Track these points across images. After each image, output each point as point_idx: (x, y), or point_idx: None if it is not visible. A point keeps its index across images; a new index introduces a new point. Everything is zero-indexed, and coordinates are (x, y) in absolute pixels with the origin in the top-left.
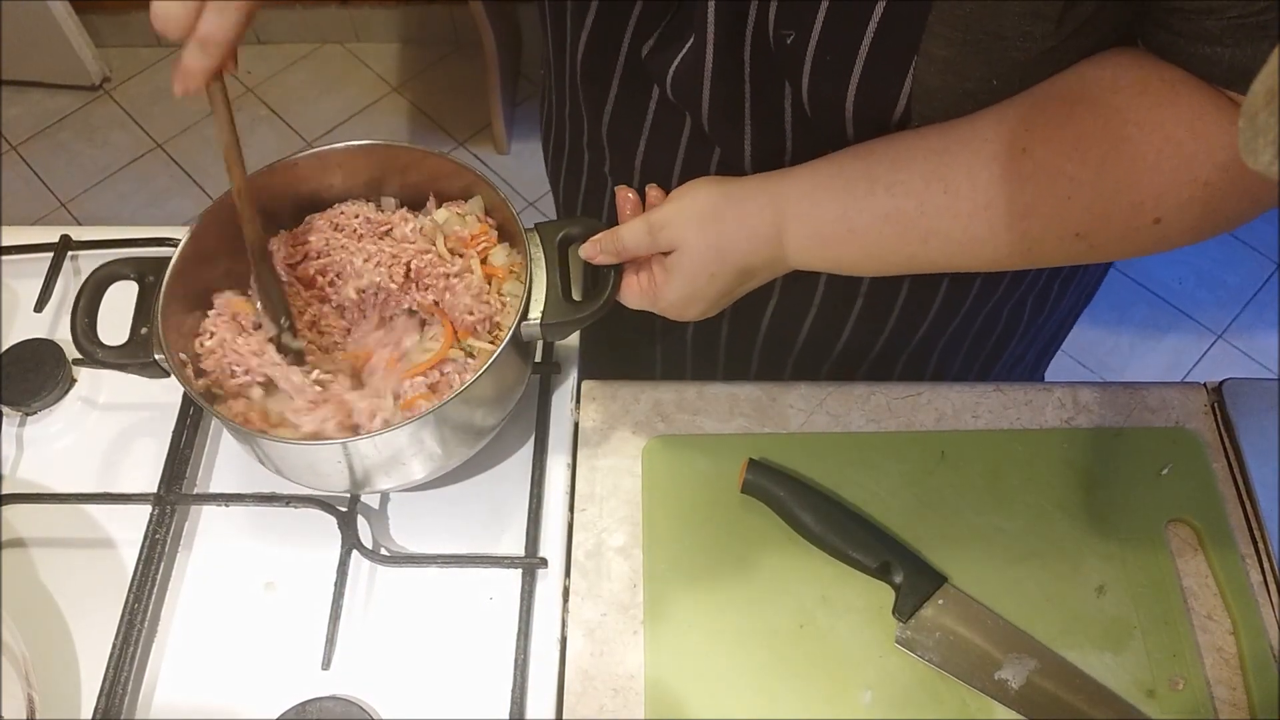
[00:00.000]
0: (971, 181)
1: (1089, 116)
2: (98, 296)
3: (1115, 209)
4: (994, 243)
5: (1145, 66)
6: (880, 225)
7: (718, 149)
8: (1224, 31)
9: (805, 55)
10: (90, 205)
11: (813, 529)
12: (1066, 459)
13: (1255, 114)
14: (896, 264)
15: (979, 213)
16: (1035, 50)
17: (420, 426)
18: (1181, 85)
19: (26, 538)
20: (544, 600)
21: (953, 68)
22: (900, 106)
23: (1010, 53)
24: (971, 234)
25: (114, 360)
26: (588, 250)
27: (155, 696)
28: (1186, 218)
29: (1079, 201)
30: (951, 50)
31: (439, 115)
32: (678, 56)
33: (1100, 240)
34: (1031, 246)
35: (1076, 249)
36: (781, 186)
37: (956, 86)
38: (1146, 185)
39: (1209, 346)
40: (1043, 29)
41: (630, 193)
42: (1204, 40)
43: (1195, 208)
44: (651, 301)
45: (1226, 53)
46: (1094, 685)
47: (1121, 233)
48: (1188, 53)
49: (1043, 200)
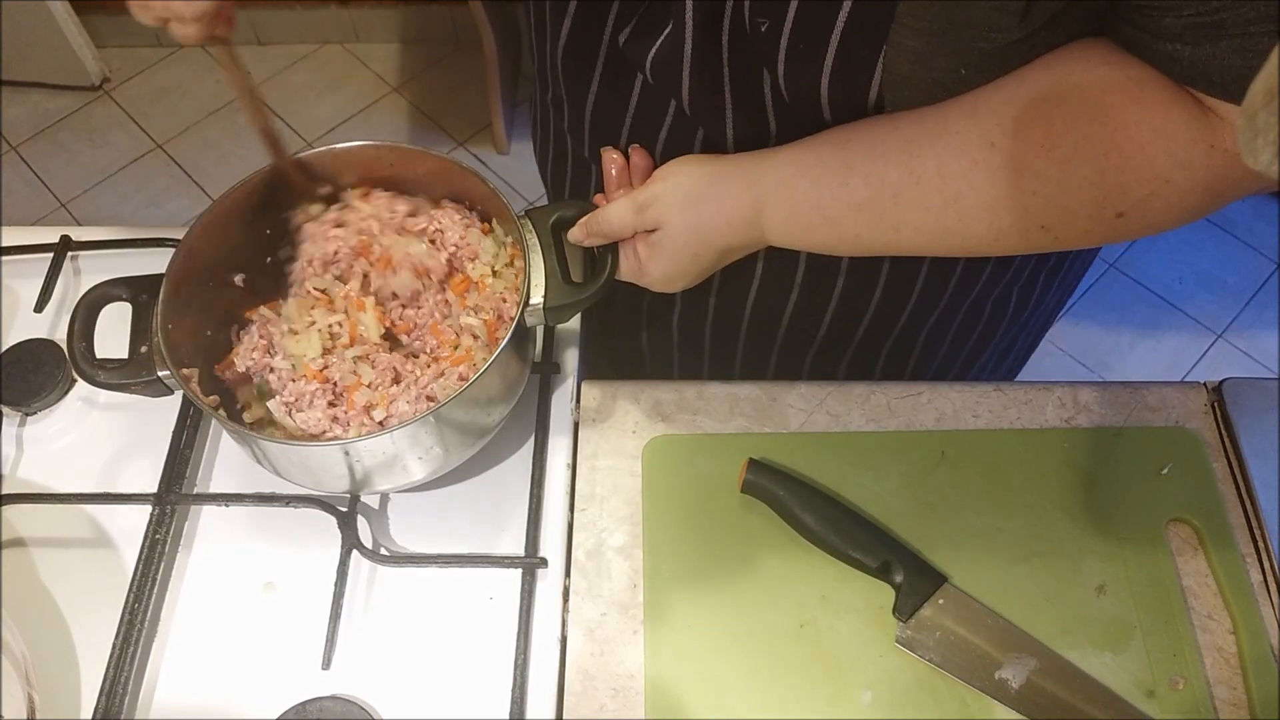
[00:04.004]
0: (941, 174)
1: (1057, 113)
2: (92, 319)
3: (1080, 204)
4: (963, 233)
5: (1113, 63)
6: (854, 214)
7: (701, 129)
8: (1183, 29)
9: (779, 43)
10: (90, 205)
11: (813, 529)
12: (1066, 459)
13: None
14: (872, 249)
15: (949, 204)
16: (1002, 42)
17: (420, 427)
18: (1148, 84)
19: (26, 538)
20: (544, 600)
21: (922, 57)
22: (873, 93)
23: (977, 43)
24: (942, 224)
25: (116, 381)
26: (576, 234)
27: (155, 696)
28: (1148, 212)
29: (1044, 196)
30: (920, 40)
31: (439, 115)
32: (657, 42)
33: (1064, 233)
34: (998, 237)
35: (1042, 240)
36: (761, 172)
37: (926, 75)
38: (1111, 182)
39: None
40: (1008, 21)
41: (616, 154)
42: (1164, 37)
43: (1157, 203)
44: (638, 276)
45: (1186, 50)
46: (1094, 685)
47: (1086, 226)
48: (1151, 49)
49: (1009, 194)
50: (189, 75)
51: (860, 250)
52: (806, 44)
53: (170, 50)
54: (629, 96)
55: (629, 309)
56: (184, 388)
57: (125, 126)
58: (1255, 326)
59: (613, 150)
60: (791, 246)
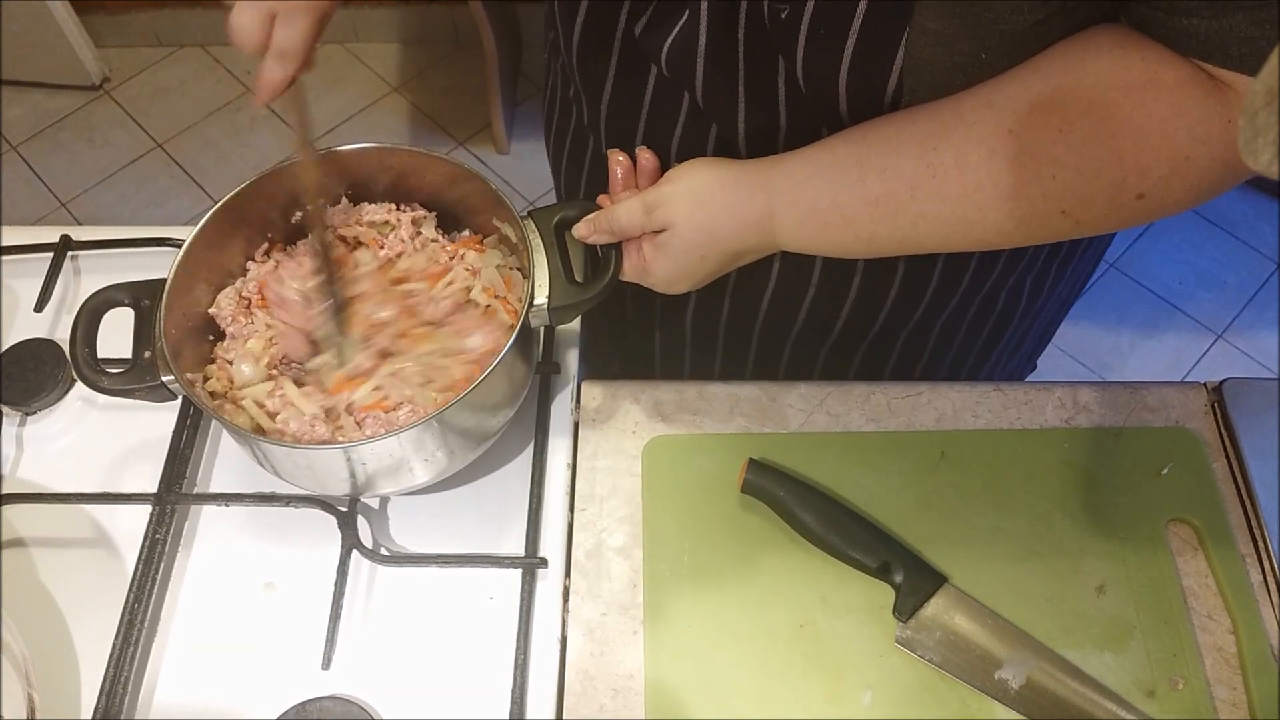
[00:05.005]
0: (960, 165)
1: (1073, 98)
2: (94, 324)
3: (1100, 187)
4: (982, 223)
5: (1128, 46)
6: (871, 209)
7: (714, 127)
8: (1199, 3)
9: (800, 29)
10: (90, 205)
11: (813, 529)
12: (1066, 459)
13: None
14: (888, 247)
15: (968, 195)
16: (1023, 23)
17: (424, 430)
18: (1163, 64)
19: (26, 538)
20: (544, 600)
21: (943, 40)
22: (892, 81)
23: (999, 25)
24: (961, 216)
25: (120, 387)
26: (582, 230)
27: (155, 696)
28: (1169, 191)
29: (1064, 181)
30: (942, 22)
31: (439, 115)
32: (672, 33)
33: (1086, 216)
34: (1019, 225)
35: (1063, 226)
36: (774, 173)
37: (946, 60)
38: (1130, 163)
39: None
40: (1030, 2)
41: (622, 156)
42: (1180, 13)
43: (1177, 181)
44: (641, 275)
45: (1202, 24)
46: (1094, 685)
47: (1106, 209)
48: (1165, 25)
49: (1029, 181)
50: (189, 75)
51: (875, 250)
52: (828, 29)
53: (170, 50)
54: (644, 91)
55: (642, 309)
56: (188, 392)
57: (125, 126)
58: (1255, 326)
59: (619, 152)
60: (804, 250)
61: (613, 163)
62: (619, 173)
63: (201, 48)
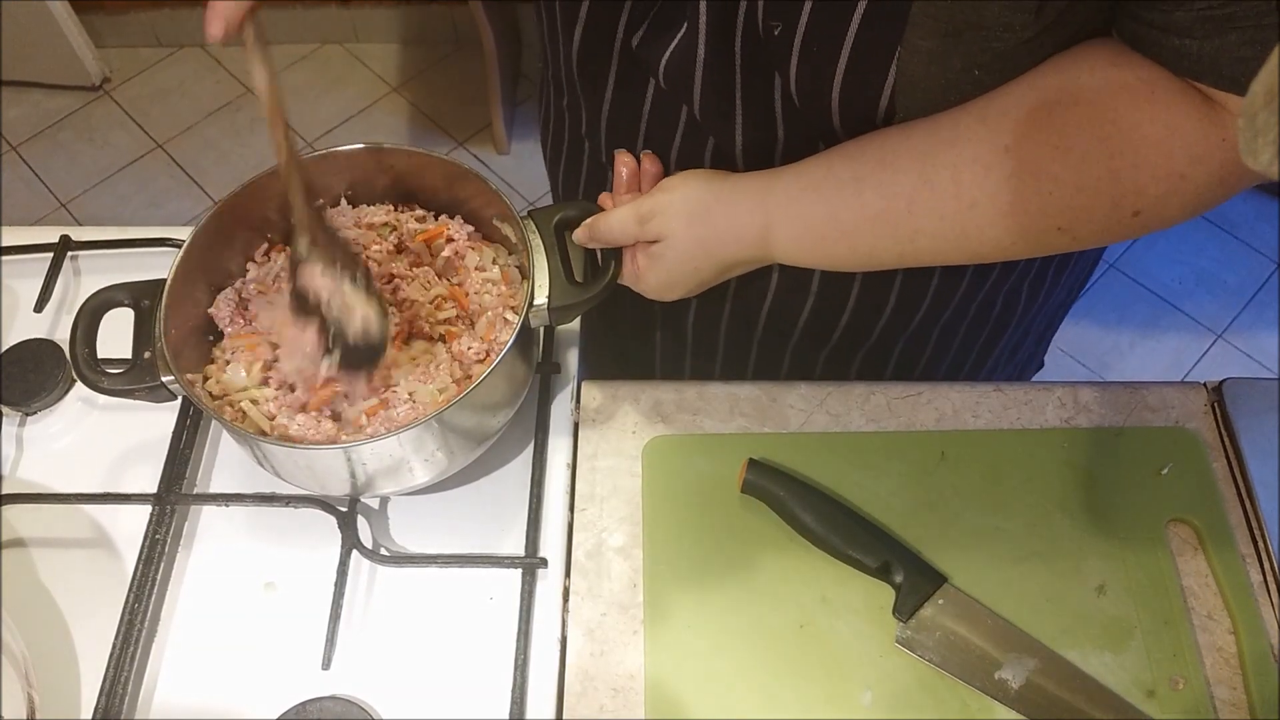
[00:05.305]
0: (956, 181)
1: (1069, 115)
2: (94, 324)
3: (1096, 204)
4: (980, 239)
5: (1122, 63)
6: (869, 225)
7: (712, 139)
8: (1193, 23)
9: (792, 46)
10: (90, 205)
11: (813, 529)
12: (1066, 459)
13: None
14: (885, 261)
15: (964, 211)
16: (1015, 40)
17: (424, 431)
18: (1157, 82)
19: (26, 538)
20: (544, 600)
21: (935, 58)
22: (885, 98)
23: (991, 43)
24: (958, 231)
25: (120, 387)
26: (580, 235)
27: (155, 696)
28: (1165, 209)
29: (1062, 199)
30: (934, 41)
31: (439, 115)
32: (670, 46)
33: (1082, 233)
34: (1016, 241)
35: (1059, 241)
36: (771, 188)
37: (939, 77)
38: (1127, 181)
39: (1209, 346)
40: (1022, 20)
41: (628, 157)
42: (1174, 32)
43: (1174, 199)
44: (633, 282)
45: (1195, 45)
46: (1094, 685)
47: (1103, 225)
48: (1159, 44)
49: (1026, 198)
50: (189, 75)
51: (872, 265)
52: (820, 46)
53: (170, 50)
54: (642, 102)
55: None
56: (188, 393)
57: (125, 126)
58: (1255, 326)
59: (625, 153)
60: (800, 264)
61: (619, 164)
62: (624, 174)
63: (201, 48)
